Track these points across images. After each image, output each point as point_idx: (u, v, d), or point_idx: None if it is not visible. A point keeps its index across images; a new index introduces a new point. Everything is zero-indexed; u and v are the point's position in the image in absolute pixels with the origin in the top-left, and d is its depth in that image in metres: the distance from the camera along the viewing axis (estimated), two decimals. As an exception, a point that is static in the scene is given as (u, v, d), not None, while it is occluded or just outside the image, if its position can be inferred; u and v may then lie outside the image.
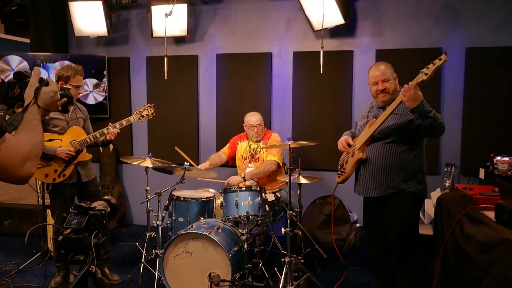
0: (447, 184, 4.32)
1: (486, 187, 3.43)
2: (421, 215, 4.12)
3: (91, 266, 1.63)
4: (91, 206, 1.77)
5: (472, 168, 4.26)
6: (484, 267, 2.29)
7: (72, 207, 1.79)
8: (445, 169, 4.43)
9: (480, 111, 4.39)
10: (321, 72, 4.17)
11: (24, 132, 1.33)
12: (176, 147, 4.27)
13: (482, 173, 4.08)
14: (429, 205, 4.02)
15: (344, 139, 3.30)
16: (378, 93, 3.06)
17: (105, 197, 1.87)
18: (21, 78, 1.44)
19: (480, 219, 2.54)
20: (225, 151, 4.50)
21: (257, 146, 4.29)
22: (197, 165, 4.39)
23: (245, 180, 3.88)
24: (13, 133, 1.29)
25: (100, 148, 5.38)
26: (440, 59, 2.69)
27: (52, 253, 4.15)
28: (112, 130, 3.66)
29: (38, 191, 4.26)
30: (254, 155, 4.31)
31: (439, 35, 4.46)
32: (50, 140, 3.54)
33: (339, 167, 3.31)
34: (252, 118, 4.30)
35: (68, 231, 1.67)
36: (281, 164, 4.25)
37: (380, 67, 3.07)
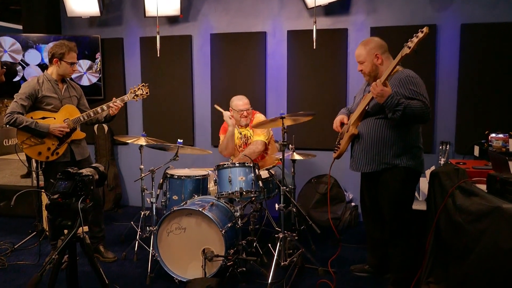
0: (441, 162, 4.32)
1: (479, 161, 3.43)
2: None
3: (79, 232, 1.63)
4: (78, 172, 1.77)
5: (467, 146, 4.26)
6: (475, 237, 2.29)
7: (60, 173, 1.79)
8: (440, 147, 4.43)
9: (475, 89, 4.37)
10: (314, 48, 4.15)
11: None
12: (215, 105, 4.22)
13: (477, 150, 4.08)
14: (424, 183, 4.02)
15: (338, 119, 3.31)
16: None
17: (93, 165, 1.87)
18: None
19: (472, 191, 2.54)
20: None
21: (248, 133, 4.22)
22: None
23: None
24: None
25: (95, 129, 5.37)
26: (422, 32, 2.71)
27: (47, 233, 4.16)
28: (113, 104, 3.64)
29: (32, 169, 4.24)
30: (247, 141, 4.25)
31: (433, 12, 4.42)
32: (44, 118, 3.54)
33: (336, 142, 3.30)
34: (240, 102, 4.15)
35: (56, 196, 1.67)
36: (267, 144, 4.20)
37: (357, 48, 3.10)
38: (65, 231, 1.73)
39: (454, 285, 2.50)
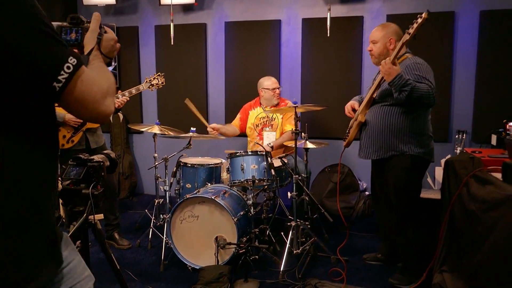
0: (458, 152, 4.25)
1: (495, 150, 3.37)
2: (430, 181, 4.08)
3: (90, 217, 1.65)
4: (89, 158, 1.79)
5: (484, 134, 4.17)
6: (489, 225, 2.26)
7: (71, 159, 1.81)
8: (456, 136, 4.36)
9: (494, 77, 4.27)
10: (328, 35, 4.10)
11: (96, 70, 1.28)
12: (187, 100, 4.12)
13: (494, 139, 3.99)
14: (439, 172, 3.97)
15: (350, 104, 3.33)
16: None
17: (105, 151, 1.89)
18: (78, 23, 1.36)
19: (487, 179, 2.50)
20: (236, 123, 4.46)
21: (274, 115, 4.25)
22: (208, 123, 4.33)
23: (272, 149, 3.93)
24: None
25: (110, 118, 5.40)
26: (421, 17, 2.69)
27: (63, 220, 4.23)
28: (121, 98, 3.66)
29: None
30: (269, 122, 4.26)
31: (452, -2, 4.33)
32: (59, 106, 3.57)
33: (346, 131, 3.30)
34: (270, 82, 4.24)
35: (67, 182, 1.70)
36: None
37: (375, 29, 3.14)
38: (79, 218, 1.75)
39: (468, 273, 2.48)
